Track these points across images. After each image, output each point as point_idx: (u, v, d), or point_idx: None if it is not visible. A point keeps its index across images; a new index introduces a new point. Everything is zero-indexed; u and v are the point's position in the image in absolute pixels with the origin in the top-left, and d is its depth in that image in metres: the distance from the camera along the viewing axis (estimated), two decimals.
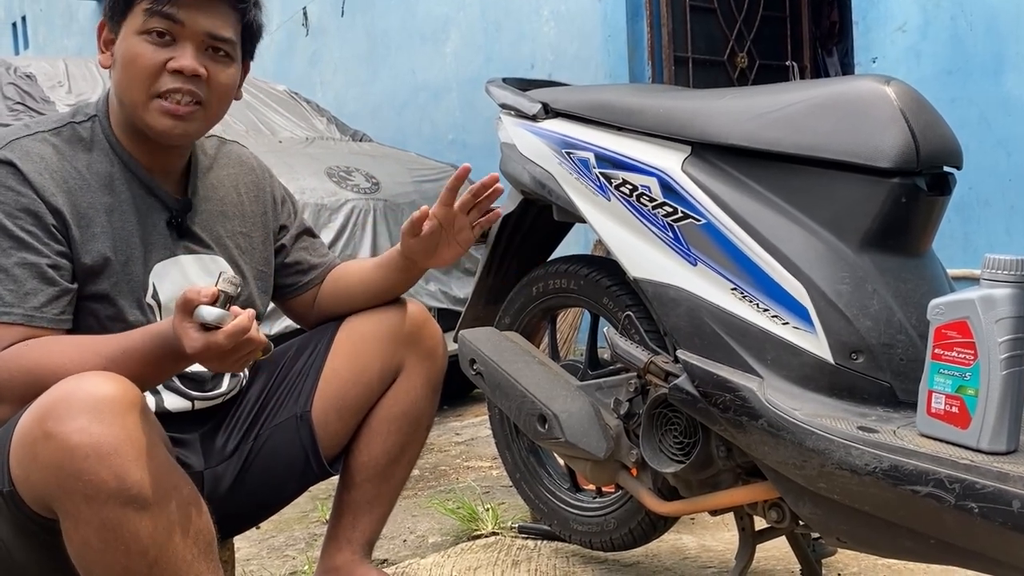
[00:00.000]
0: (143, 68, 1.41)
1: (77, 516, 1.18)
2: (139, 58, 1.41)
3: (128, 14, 1.43)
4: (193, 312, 1.22)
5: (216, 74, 1.46)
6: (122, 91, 1.45)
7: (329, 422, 1.65)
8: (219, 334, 1.22)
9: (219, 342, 1.22)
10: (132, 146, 1.49)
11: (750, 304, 1.44)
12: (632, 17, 5.00)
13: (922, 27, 3.70)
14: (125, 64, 1.43)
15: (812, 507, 1.36)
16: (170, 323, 1.28)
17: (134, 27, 1.42)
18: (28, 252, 1.35)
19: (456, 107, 6.18)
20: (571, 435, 1.66)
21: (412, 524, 2.51)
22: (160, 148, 1.50)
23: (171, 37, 1.42)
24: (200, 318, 1.22)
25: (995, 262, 1.18)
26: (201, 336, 1.23)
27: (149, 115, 1.43)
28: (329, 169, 3.87)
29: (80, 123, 1.48)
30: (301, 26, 7.60)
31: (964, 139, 1.48)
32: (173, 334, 1.26)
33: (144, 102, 1.43)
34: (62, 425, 1.15)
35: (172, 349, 1.28)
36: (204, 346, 1.23)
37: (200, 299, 1.22)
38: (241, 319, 1.23)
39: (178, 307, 1.24)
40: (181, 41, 1.42)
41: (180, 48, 1.42)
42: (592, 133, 1.70)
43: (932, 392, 1.23)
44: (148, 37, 1.41)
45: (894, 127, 1.35)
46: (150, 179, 1.50)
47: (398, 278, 1.70)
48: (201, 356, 1.25)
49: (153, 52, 1.41)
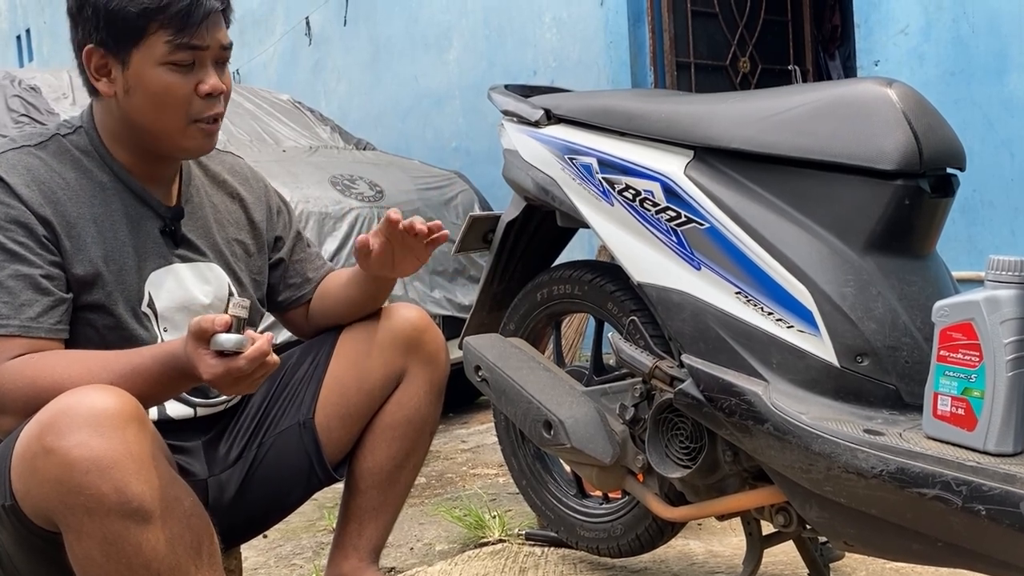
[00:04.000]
0: (178, 99, 1.42)
1: (79, 530, 1.18)
2: (172, 89, 1.41)
3: (140, 44, 1.40)
4: (209, 340, 1.23)
5: (225, 83, 1.48)
6: (151, 121, 1.44)
7: (332, 428, 1.65)
8: (240, 360, 1.23)
9: (240, 367, 1.23)
10: (124, 156, 1.49)
11: (754, 308, 1.44)
12: (634, 23, 5.00)
13: (924, 29, 3.69)
14: (154, 96, 1.42)
15: (819, 511, 1.35)
16: (181, 344, 1.28)
17: (155, 57, 1.40)
18: (21, 264, 1.35)
19: (459, 114, 6.18)
20: (577, 441, 1.66)
21: (419, 532, 2.50)
22: (156, 160, 1.50)
23: (193, 61, 1.43)
24: (218, 346, 1.23)
25: (999, 263, 1.18)
26: (219, 362, 1.24)
27: (187, 140, 1.45)
28: (333, 178, 3.87)
29: (66, 135, 1.49)
30: (304, 35, 7.62)
31: (968, 141, 1.48)
32: (185, 358, 1.27)
33: (182, 129, 1.44)
34: (62, 439, 1.15)
35: (183, 372, 1.29)
36: (224, 371, 1.24)
37: (215, 328, 1.23)
38: (261, 344, 1.25)
39: (191, 335, 1.25)
40: (201, 62, 1.43)
41: (202, 70, 1.43)
42: (595, 138, 1.71)
43: (938, 394, 1.23)
44: (175, 67, 1.41)
45: (897, 129, 1.35)
46: (141, 188, 1.50)
47: (370, 290, 1.69)
48: (219, 381, 1.26)
49: (184, 81, 1.42)
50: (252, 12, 8.17)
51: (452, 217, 4.11)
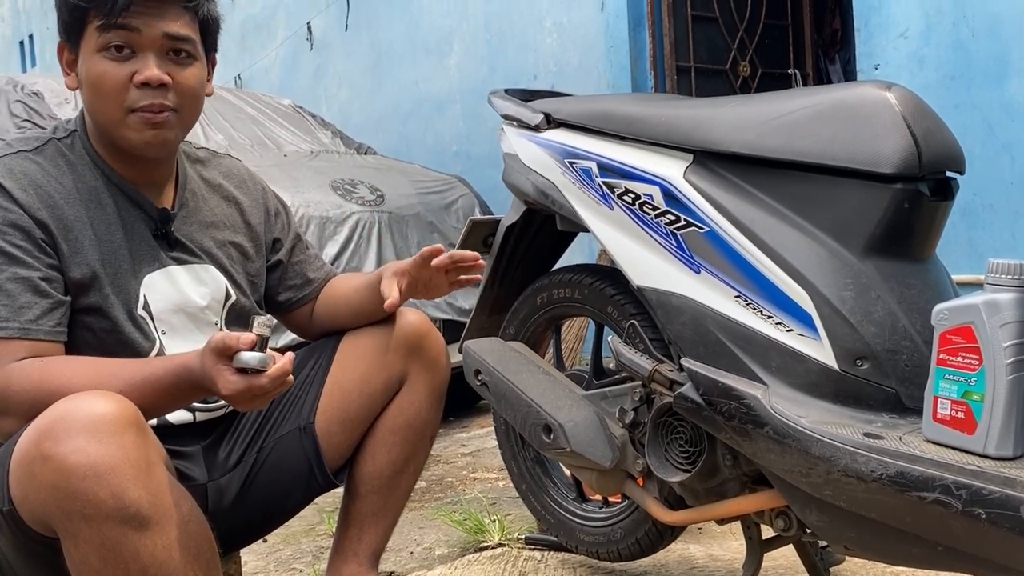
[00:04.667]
0: (110, 86, 1.41)
1: (76, 535, 1.17)
2: (103, 77, 1.41)
3: (83, 34, 1.42)
4: (232, 358, 1.24)
5: (182, 78, 1.45)
6: (95, 112, 1.45)
7: (333, 433, 1.65)
8: (263, 378, 1.25)
9: (262, 385, 1.25)
10: (113, 160, 1.49)
11: (754, 311, 1.43)
12: (634, 27, 5.01)
13: (924, 33, 3.69)
14: (91, 85, 1.43)
15: (819, 515, 1.35)
16: (196, 358, 1.29)
17: (91, 46, 1.41)
18: (19, 267, 1.36)
19: (460, 118, 6.19)
20: (577, 445, 1.66)
21: (419, 536, 2.50)
22: (142, 160, 1.50)
23: (130, 49, 1.41)
24: (242, 363, 1.24)
25: (999, 267, 1.18)
26: (240, 379, 1.25)
27: (128, 130, 1.43)
28: (334, 182, 3.88)
29: (61, 139, 1.49)
30: (305, 40, 7.64)
31: (968, 145, 1.48)
32: (201, 372, 1.28)
33: (120, 119, 1.43)
34: (60, 445, 1.15)
35: (197, 385, 1.30)
36: (245, 388, 1.25)
37: (240, 346, 1.24)
38: (283, 364, 1.27)
39: (213, 351, 1.25)
40: (141, 51, 1.42)
41: (141, 59, 1.42)
42: (594, 143, 1.71)
43: (938, 398, 1.23)
44: (108, 54, 1.41)
45: (896, 133, 1.35)
46: (134, 191, 1.50)
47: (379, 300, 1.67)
48: (237, 397, 1.26)
49: (116, 68, 1.41)
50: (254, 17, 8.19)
51: (452, 221, 4.11)
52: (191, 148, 1.67)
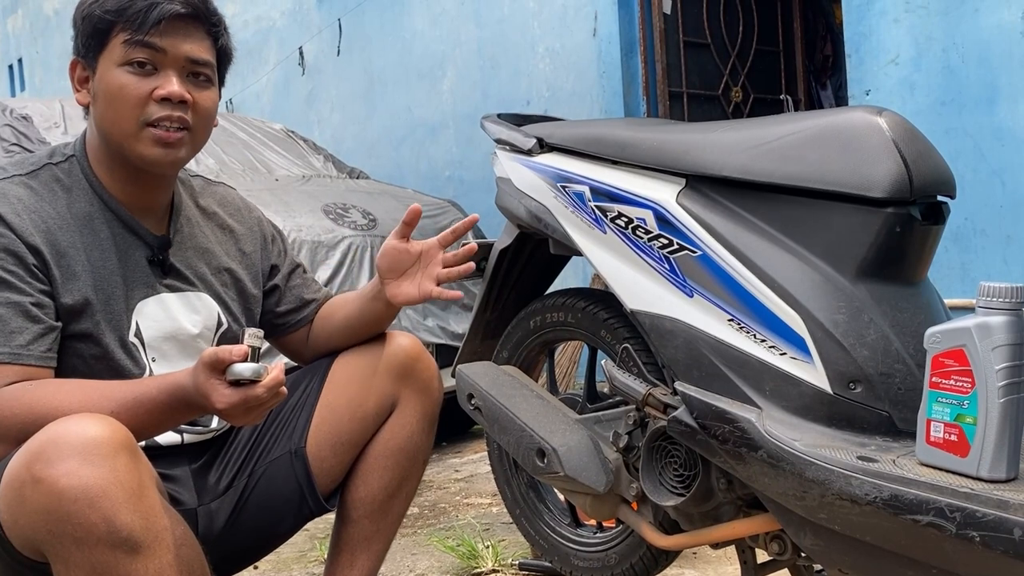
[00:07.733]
0: (130, 98, 1.42)
1: (68, 560, 1.16)
2: (125, 89, 1.42)
3: (104, 48, 1.43)
4: (225, 370, 1.24)
5: (200, 99, 1.47)
6: (109, 124, 1.45)
7: (324, 457, 1.64)
8: (258, 388, 1.25)
9: (258, 395, 1.25)
10: (113, 184, 1.49)
11: (747, 335, 1.44)
12: (627, 53, 5.04)
13: (915, 59, 3.72)
14: (110, 97, 1.43)
15: (813, 538, 1.35)
16: (187, 375, 1.29)
17: (114, 60, 1.43)
18: (11, 292, 1.35)
19: (453, 143, 6.21)
20: (570, 469, 1.65)
21: (411, 562, 2.48)
22: (142, 184, 1.50)
23: (153, 66, 1.43)
24: (235, 375, 1.24)
25: (990, 290, 1.18)
26: (235, 392, 1.25)
27: (141, 144, 1.44)
28: (326, 206, 3.88)
29: (58, 164, 1.49)
30: (297, 65, 7.66)
31: (959, 170, 1.49)
32: (194, 388, 1.27)
33: (135, 132, 1.43)
34: (51, 468, 1.15)
35: (189, 403, 1.30)
36: (241, 400, 1.25)
37: (233, 358, 1.24)
38: (277, 373, 1.27)
39: (206, 366, 1.25)
40: (163, 69, 1.43)
41: (163, 76, 1.43)
42: (587, 167, 1.71)
43: (931, 421, 1.23)
44: (130, 68, 1.42)
45: (887, 157, 1.36)
46: (130, 217, 1.50)
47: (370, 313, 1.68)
48: (232, 411, 1.26)
49: (138, 82, 1.42)
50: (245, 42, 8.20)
51: None
52: (186, 175, 1.67)
